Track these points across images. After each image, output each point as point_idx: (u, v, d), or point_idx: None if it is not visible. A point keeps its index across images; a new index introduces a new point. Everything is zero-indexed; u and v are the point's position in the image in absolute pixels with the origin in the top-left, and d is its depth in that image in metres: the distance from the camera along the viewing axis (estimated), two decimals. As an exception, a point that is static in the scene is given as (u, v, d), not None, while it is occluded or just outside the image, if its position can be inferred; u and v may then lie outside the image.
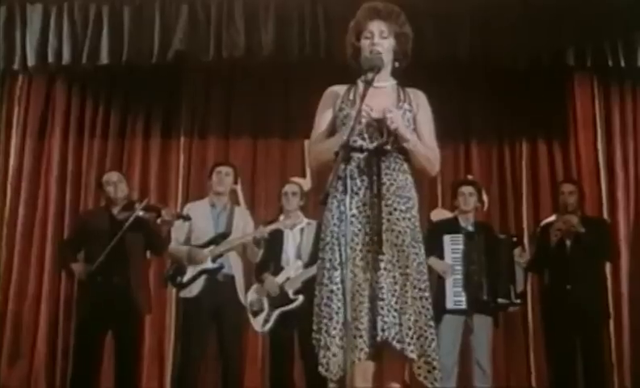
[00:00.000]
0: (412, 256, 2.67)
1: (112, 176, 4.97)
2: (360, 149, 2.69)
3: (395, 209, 2.69)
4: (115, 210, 4.83)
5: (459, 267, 4.82)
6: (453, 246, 4.87)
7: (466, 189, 5.03)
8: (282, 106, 6.17)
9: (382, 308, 2.58)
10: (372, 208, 2.67)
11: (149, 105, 6.21)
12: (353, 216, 2.65)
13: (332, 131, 2.79)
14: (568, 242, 4.96)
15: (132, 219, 4.62)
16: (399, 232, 2.67)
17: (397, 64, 2.83)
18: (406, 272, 2.65)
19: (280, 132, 6.20)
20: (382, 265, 2.62)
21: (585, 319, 4.88)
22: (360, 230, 2.66)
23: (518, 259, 4.96)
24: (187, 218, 4.79)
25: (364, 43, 2.77)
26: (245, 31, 5.20)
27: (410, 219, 2.71)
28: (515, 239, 5.17)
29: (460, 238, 4.88)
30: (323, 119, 2.83)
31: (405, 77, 2.87)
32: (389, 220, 2.67)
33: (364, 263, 2.64)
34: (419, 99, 2.83)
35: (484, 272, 4.81)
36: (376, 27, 2.76)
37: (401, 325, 2.60)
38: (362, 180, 2.69)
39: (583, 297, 4.83)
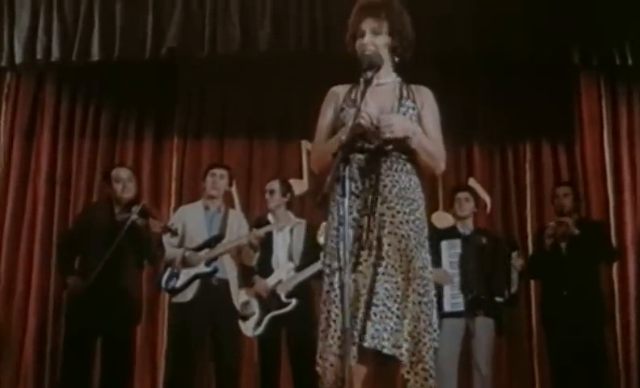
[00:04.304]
0: (416, 261, 2.55)
1: (122, 172, 4.69)
2: (361, 150, 2.57)
3: (398, 212, 2.57)
4: (117, 209, 4.61)
5: (456, 270, 4.75)
6: (451, 250, 4.80)
7: (462, 195, 5.00)
8: (279, 104, 6.04)
9: (375, 314, 2.47)
10: (372, 211, 2.55)
11: (142, 104, 6.08)
12: (354, 219, 2.53)
13: (333, 132, 2.69)
14: (563, 246, 4.91)
15: (129, 223, 4.40)
16: (402, 236, 2.55)
17: (396, 59, 2.73)
18: (408, 277, 2.53)
19: (276, 131, 6.07)
20: (381, 270, 2.52)
21: (584, 324, 4.79)
22: (360, 234, 2.54)
23: (514, 262, 4.90)
24: (174, 233, 4.58)
25: (358, 42, 2.70)
26: (240, 25, 5.11)
27: (414, 221, 2.58)
28: (512, 242, 5.20)
29: (457, 242, 4.82)
30: (324, 121, 2.75)
31: (405, 75, 2.77)
32: (392, 223, 2.56)
33: (364, 268, 2.53)
34: (424, 96, 2.73)
35: (480, 271, 4.74)
36: (368, 25, 2.69)
37: (399, 331, 2.49)
38: (363, 182, 2.58)
39: (580, 301, 4.76)
